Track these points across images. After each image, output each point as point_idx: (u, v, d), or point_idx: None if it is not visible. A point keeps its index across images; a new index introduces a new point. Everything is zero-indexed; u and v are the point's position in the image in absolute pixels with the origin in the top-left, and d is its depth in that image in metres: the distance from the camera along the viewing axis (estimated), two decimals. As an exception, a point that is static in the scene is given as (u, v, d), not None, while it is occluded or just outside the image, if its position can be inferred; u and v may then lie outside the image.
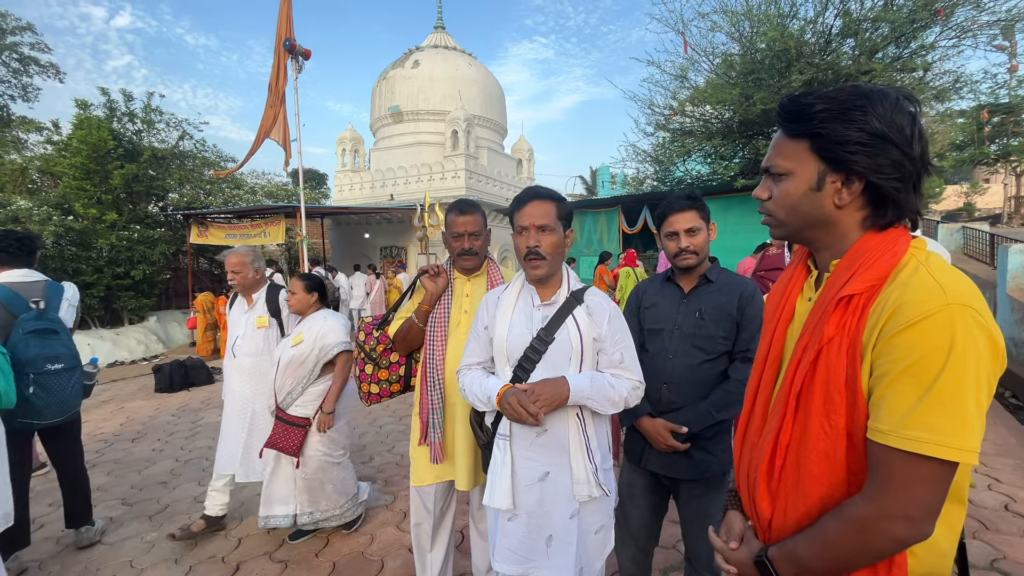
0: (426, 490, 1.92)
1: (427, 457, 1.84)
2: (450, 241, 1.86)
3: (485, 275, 1.91)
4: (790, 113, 0.82)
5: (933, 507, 0.69)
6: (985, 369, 0.67)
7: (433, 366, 1.81)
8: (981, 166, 18.02)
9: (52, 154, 11.37)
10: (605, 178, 22.68)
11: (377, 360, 1.99)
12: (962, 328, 0.66)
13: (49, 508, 3.28)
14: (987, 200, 27.04)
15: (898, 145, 0.74)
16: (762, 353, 0.94)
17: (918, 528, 0.69)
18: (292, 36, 9.47)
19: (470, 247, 1.83)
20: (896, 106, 0.74)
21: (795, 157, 0.81)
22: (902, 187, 0.76)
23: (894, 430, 0.68)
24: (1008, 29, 7.70)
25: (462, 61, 15.62)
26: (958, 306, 0.67)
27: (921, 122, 0.76)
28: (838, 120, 0.75)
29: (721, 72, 8.58)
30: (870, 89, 0.76)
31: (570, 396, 1.31)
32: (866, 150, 0.74)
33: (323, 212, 13.76)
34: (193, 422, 5.12)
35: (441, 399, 1.80)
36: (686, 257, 1.62)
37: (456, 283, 1.90)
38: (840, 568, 0.75)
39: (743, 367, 1.59)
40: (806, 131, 0.79)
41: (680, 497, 1.70)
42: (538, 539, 1.37)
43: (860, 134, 0.74)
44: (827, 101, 0.77)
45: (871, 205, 0.79)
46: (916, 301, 0.68)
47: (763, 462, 0.83)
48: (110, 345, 9.38)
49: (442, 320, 1.83)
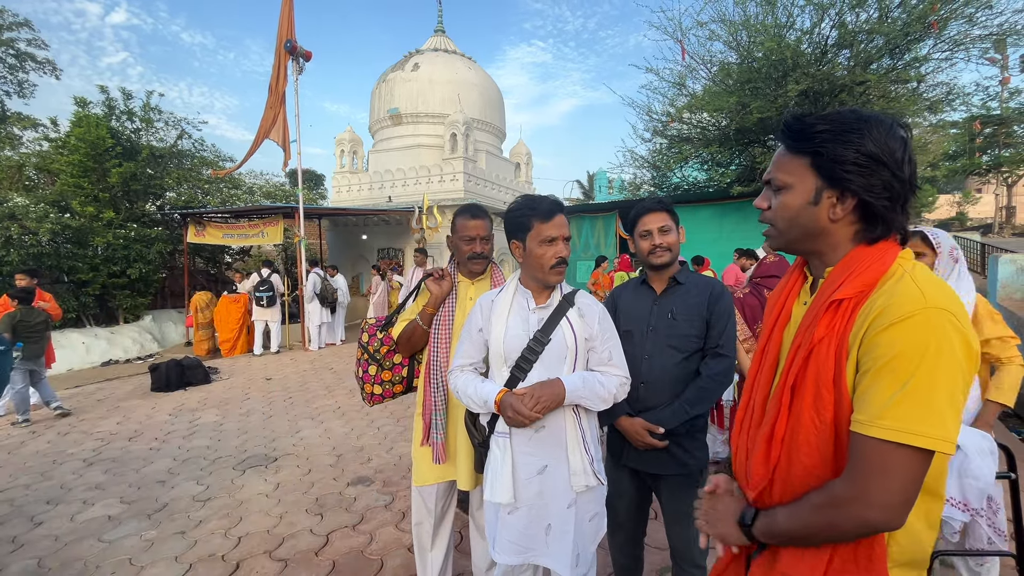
0: (427, 490, 1.95)
1: (429, 457, 1.87)
2: (460, 245, 1.90)
3: (489, 278, 1.96)
4: (793, 131, 0.88)
5: (906, 495, 0.72)
6: (960, 368, 0.72)
7: (437, 368, 1.84)
8: (973, 176, 18.26)
9: (49, 151, 11.31)
10: (602, 183, 22.80)
11: (381, 361, 2.02)
12: (939, 330, 0.72)
13: (47, 507, 3.28)
14: (979, 210, 27.35)
15: (890, 168, 0.80)
16: (760, 352, 1.00)
17: (888, 516, 0.73)
18: (293, 37, 9.52)
19: (481, 251, 1.88)
20: (890, 132, 0.81)
21: (795, 172, 0.87)
22: (891, 206, 0.82)
23: (871, 420, 0.73)
24: (1000, 43, 7.84)
25: (462, 65, 15.68)
26: (936, 309, 0.73)
27: (911, 147, 0.83)
28: (837, 141, 0.81)
29: (718, 80, 8.66)
30: (868, 114, 0.82)
31: (566, 397, 1.38)
32: (861, 170, 0.81)
33: (321, 213, 13.74)
34: (190, 421, 5.11)
35: (444, 401, 1.84)
36: (660, 254, 1.71)
37: (460, 286, 1.94)
38: (808, 539, 0.80)
39: (715, 363, 1.67)
40: (807, 149, 0.85)
41: (662, 495, 1.77)
42: (538, 529, 1.43)
43: (856, 155, 0.80)
44: (828, 123, 0.83)
45: (862, 221, 0.85)
46: (899, 304, 0.74)
47: (759, 453, 0.88)
48: (105, 344, 9.33)
49: (446, 323, 1.87)
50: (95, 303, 9.89)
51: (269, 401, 5.84)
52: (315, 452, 4.13)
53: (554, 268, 1.46)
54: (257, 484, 3.54)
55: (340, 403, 5.64)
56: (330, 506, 3.17)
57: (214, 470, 3.82)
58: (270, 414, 5.31)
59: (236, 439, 4.53)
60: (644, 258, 1.76)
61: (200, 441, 4.50)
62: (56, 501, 3.36)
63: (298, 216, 10.01)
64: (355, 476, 3.62)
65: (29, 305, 5.33)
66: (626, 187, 13.23)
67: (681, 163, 10.27)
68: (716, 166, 10.15)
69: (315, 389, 6.36)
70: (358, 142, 15.92)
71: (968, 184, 26.13)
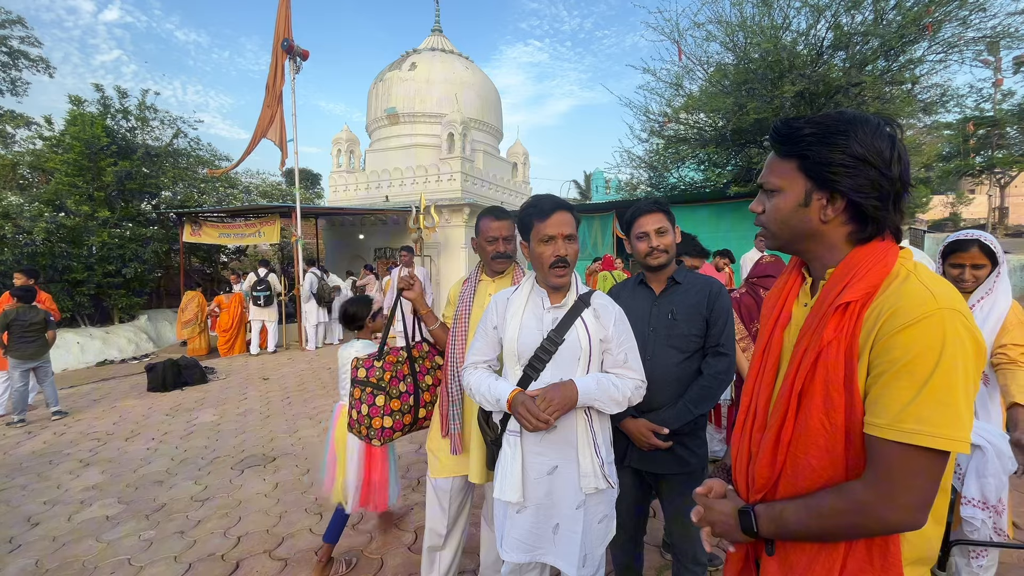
0: (443, 486, 1.96)
1: (447, 449, 1.91)
2: (484, 245, 1.93)
3: (510, 277, 1.98)
4: (782, 135, 0.89)
5: (928, 496, 0.74)
6: (971, 365, 0.74)
7: (454, 361, 1.88)
8: (967, 177, 18.41)
9: (44, 150, 11.22)
10: (599, 183, 22.80)
11: (387, 389, 1.99)
12: (951, 330, 0.73)
13: (44, 506, 3.27)
14: (972, 211, 27.57)
15: (877, 167, 0.81)
16: (760, 354, 1.00)
17: (913, 516, 0.74)
18: (290, 37, 9.49)
19: (505, 250, 1.92)
20: (876, 131, 0.82)
21: (786, 176, 0.89)
22: (881, 205, 0.83)
23: (892, 424, 0.74)
24: (993, 45, 7.92)
25: (459, 64, 15.67)
26: (948, 310, 0.74)
27: (901, 145, 0.83)
28: (823, 144, 0.83)
29: (715, 81, 8.69)
30: (853, 115, 0.83)
31: (579, 399, 1.36)
32: (848, 171, 0.82)
33: (318, 212, 13.71)
34: (188, 421, 5.10)
35: (460, 393, 1.87)
36: (657, 256, 1.72)
37: (481, 285, 1.98)
38: (822, 538, 0.81)
39: (715, 361, 1.69)
40: (795, 152, 0.87)
41: (662, 493, 1.78)
42: (545, 528, 1.43)
43: (843, 157, 0.82)
44: (814, 126, 0.85)
45: (854, 221, 0.86)
46: (910, 306, 0.75)
47: (765, 456, 0.88)
48: (100, 344, 9.27)
49: (463, 319, 1.91)
50: (90, 303, 9.82)
51: (267, 401, 5.83)
52: (314, 452, 4.12)
53: (553, 268, 1.44)
54: (256, 484, 3.54)
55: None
56: (329, 505, 3.16)
57: (212, 470, 3.81)
58: (268, 414, 5.30)
59: (234, 439, 4.52)
60: (641, 259, 1.77)
61: (198, 441, 4.49)
62: (53, 501, 3.35)
63: (295, 216, 9.98)
64: (354, 476, 3.61)
65: (30, 304, 5.30)
66: (623, 187, 13.25)
67: (678, 163, 10.31)
68: (713, 167, 10.19)
69: (313, 389, 6.35)
70: (355, 141, 15.87)
71: (962, 185, 26.33)
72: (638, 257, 1.79)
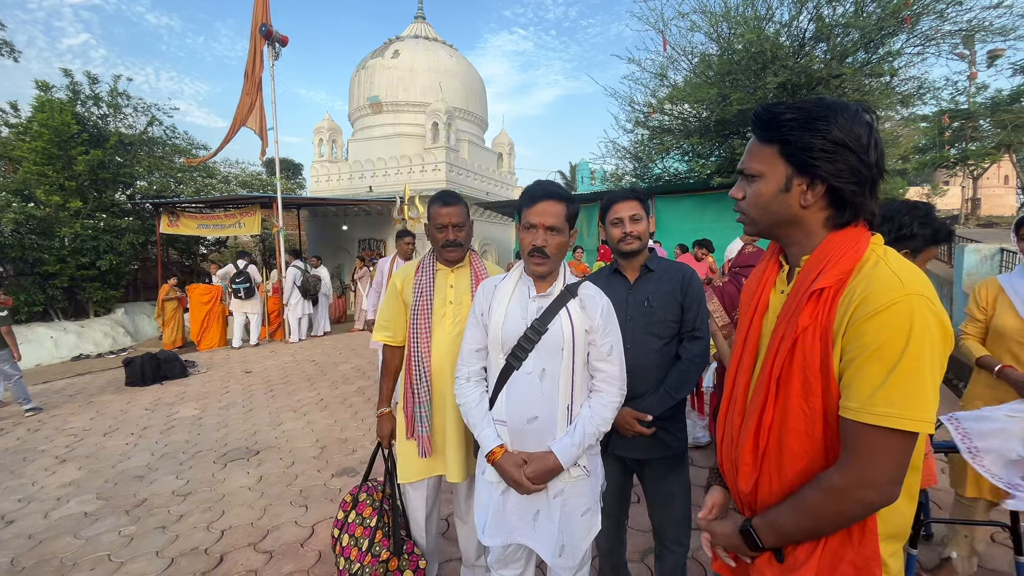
0: (416, 489, 1.93)
1: (414, 452, 1.84)
2: (434, 233, 1.86)
3: (468, 266, 1.93)
4: (763, 121, 0.90)
5: (898, 474, 0.78)
6: (938, 349, 0.77)
7: (419, 359, 1.81)
8: (941, 169, 18.85)
9: (10, 137, 10.80)
10: (584, 174, 22.84)
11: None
12: (919, 315, 0.76)
13: (19, 504, 3.19)
14: (946, 202, 28.33)
15: (856, 152, 0.83)
16: (740, 342, 1.02)
17: (885, 493, 0.78)
18: (269, 22, 9.24)
19: (454, 238, 1.84)
20: (855, 118, 0.83)
21: (766, 161, 0.90)
22: (859, 190, 0.84)
23: (863, 407, 0.76)
24: (968, 39, 8.09)
25: (443, 53, 15.45)
26: (915, 296, 0.76)
27: (877, 132, 0.85)
28: (804, 129, 0.84)
29: (699, 72, 8.74)
30: (833, 102, 0.85)
31: (563, 465, 1.39)
32: (828, 156, 0.83)
33: (300, 203, 13.48)
34: (168, 416, 5.01)
35: (428, 392, 1.80)
36: (630, 241, 1.74)
37: (439, 275, 1.90)
38: (818, 533, 0.84)
39: (692, 345, 1.72)
40: (776, 138, 0.88)
41: (644, 478, 1.81)
42: (526, 514, 1.45)
43: (823, 142, 0.83)
44: (795, 111, 0.86)
45: (832, 206, 0.87)
46: (880, 291, 0.77)
47: (747, 441, 0.90)
48: (74, 338, 9.04)
49: (425, 311, 1.83)
50: (63, 296, 9.56)
51: (250, 394, 5.75)
52: (298, 444, 4.09)
53: (531, 256, 1.42)
54: (239, 477, 3.50)
55: (323, 395, 5.59)
56: (315, 497, 3.15)
57: (194, 464, 3.75)
58: (251, 407, 5.23)
59: (216, 433, 4.45)
60: (614, 245, 1.79)
61: (179, 435, 4.41)
62: (29, 499, 3.27)
63: (276, 206, 9.80)
64: (340, 467, 3.60)
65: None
66: (608, 178, 13.28)
67: (663, 154, 10.35)
68: (697, 157, 10.25)
69: (297, 382, 6.28)
70: (337, 131, 15.60)
71: (936, 177, 27.01)
72: (611, 243, 1.81)
